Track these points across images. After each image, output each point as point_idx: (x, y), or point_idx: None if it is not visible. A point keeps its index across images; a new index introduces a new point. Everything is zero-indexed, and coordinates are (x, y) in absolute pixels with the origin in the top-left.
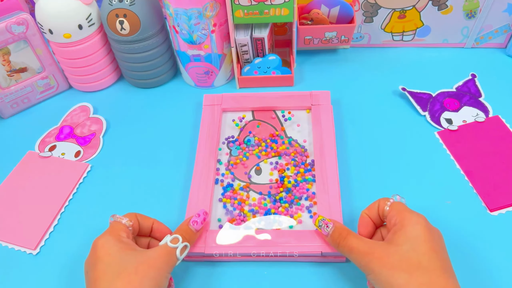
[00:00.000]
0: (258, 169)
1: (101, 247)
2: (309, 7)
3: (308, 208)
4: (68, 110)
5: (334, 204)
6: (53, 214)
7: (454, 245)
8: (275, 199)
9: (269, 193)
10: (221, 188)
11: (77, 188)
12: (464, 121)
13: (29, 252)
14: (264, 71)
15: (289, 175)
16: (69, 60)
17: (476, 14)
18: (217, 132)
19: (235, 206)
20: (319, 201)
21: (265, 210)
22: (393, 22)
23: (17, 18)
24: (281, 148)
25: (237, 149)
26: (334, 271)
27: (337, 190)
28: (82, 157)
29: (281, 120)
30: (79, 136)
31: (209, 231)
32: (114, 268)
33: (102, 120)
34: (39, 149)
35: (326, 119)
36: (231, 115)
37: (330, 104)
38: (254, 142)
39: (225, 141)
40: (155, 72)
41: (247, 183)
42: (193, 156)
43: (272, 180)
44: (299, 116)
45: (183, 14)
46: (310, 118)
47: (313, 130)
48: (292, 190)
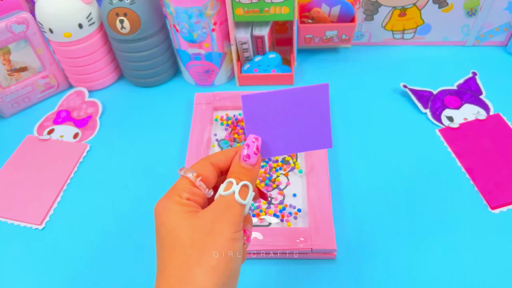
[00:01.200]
0: None
1: (157, 215)
2: (310, 5)
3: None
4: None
5: (324, 200)
6: (56, 191)
7: (456, 243)
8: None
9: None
10: None
11: (77, 167)
12: (465, 119)
13: (35, 227)
14: (264, 69)
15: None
16: (70, 59)
17: (477, 12)
18: (208, 130)
19: None
20: (310, 200)
21: (255, 205)
22: (394, 20)
23: (18, 17)
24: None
25: (227, 146)
26: (324, 268)
27: (327, 187)
28: (81, 138)
29: None
30: (76, 119)
31: None
32: (168, 241)
33: (98, 103)
34: (37, 132)
35: None
36: (222, 113)
37: None
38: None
39: (217, 140)
40: (156, 71)
41: None
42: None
43: (262, 178)
44: None
45: (184, 12)
46: None
47: None
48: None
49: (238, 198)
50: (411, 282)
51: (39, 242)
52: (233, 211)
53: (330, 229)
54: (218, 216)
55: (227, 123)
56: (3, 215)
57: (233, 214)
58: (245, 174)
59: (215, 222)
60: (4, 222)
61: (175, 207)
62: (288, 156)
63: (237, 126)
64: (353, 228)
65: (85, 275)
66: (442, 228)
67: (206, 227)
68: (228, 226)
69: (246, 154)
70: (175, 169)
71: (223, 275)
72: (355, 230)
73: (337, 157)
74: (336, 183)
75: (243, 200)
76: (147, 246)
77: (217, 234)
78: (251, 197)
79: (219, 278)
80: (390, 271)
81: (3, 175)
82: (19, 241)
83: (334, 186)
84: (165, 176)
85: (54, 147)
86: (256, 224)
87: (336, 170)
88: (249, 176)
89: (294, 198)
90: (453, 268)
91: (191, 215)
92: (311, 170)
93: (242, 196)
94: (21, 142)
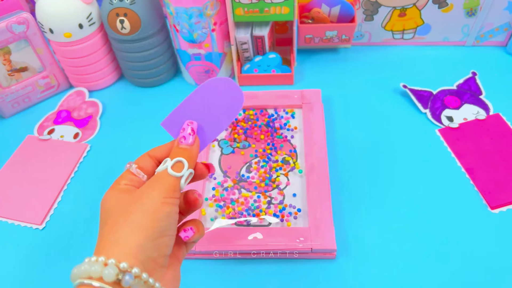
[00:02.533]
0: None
1: (101, 204)
2: (310, 6)
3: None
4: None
5: (324, 200)
6: (56, 191)
7: (455, 242)
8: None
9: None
10: (211, 186)
11: (78, 167)
12: (465, 119)
13: (36, 227)
14: (264, 69)
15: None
16: (70, 59)
17: (477, 12)
18: None
19: (225, 204)
20: (310, 200)
21: (255, 205)
22: (394, 21)
23: (18, 17)
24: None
25: (227, 146)
26: (324, 268)
27: (327, 187)
28: (81, 138)
29: (272, 118)
30: (77, 119)
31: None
32: (103, 216)
33: (98, 103)
34: (37, 133)
35: (317, 117)
36: None
37: (321, 103)
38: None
39: (216, 139)
40: (156, 71)
41: (237, 180)
42: None
43: (262, 178)
44: (291, 115)
45: (184, 13)
46: (301, 116)
47: (304, 128)
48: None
49: (170, 170)
50: (411, 283)
51: (40, 242)
52: (164, 181)
53: (330, 229)
54: (148, 186)
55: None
56: (3, 215)
57: (164, 183)
58: (182, 154)
59: (144, 190)
60: (5, 222)
61: (112, 192)
62: (288, 156)
63: (237, 126)
64: (353, 228)
65: None
66: (442, 227)
67: (136, 195)
68: (157, 192)
69: (182, 136)
70: None
71: (148, 236)
72: (355, 230)
73: (337, 157)
74: (336, 183)
75: (175, 173)
76: None
77: (144, 198)
78: (186, 172)
79: (144, 238)
80: (390, 272)
81: (3, 175)
82: (19, 241)
83: (334, 186)
84: None
85: (54, 147)
86: (256, 224)
87: (336, 170)
88: (187, 155)
89: (294, 198)
90: (453, 268)
91: (126, 193)
92: (311, 170)
93: (175, 170)
94: (22, 142)
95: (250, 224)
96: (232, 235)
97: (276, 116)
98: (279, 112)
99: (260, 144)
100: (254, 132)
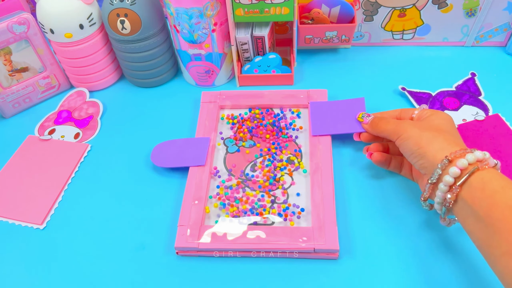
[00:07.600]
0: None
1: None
2: (310, 6)
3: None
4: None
5: (328, 200)
6: (57, 191)
7: (455, 242)
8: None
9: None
10: (216, 184)
11: (78, 167)
12: (464, 120)
13: (36, 227)
14: (264, 70)
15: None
16: (70, 59)
17: (476, 12)
18: (214, 129)
19: (229, 202)
20: (313, 200)
21: (259, 204)
22: (393, 21)
23: (18, 17)
24: (274, 151)
25: (233, 145)
26: (326, 268)
27: (331, 187)
28: (82, 138)
29: (278, 118)
30: (77, 119)
31: (203, 226)
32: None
33: (99, 103)
34: (38, 133)
35: None
36: (228, 112)
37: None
38: (248, 142)
39: (222, 138)
40: (156, 72)
41: (242, 179)
42: None
43: (266, 177)
44: (296, 114)
45: (184, 13)
46: (307, 116)
47: (309, 128)
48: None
49: None
50: (412, 284)
51: (40, 242)
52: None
53: (333, 230)
54: None
55: (233, 122)
56: (4, 215)
57: None
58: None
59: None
60: (5, 222)
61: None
62: (293, 156)
63: (242, 125)
64: (356, 229)
65: (86, 275)
66: (442, 228)
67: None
68: None
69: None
70: (175, 168)
71: None
72: (358, 231)
73: (341, 158)
74: (340, 183)
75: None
76: (148, 246)
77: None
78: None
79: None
80: (392, 273)
81: (4, 175)
82: (20, 241)
83: (338, 186)
84: (165, 175)
85: (55, 147)
86: (259, 223)
87: (340, 170)
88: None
89: (298, 197)
90: (453, 268)
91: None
92: (315, 170)
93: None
94: (22, 142)
95: (257, 223)
96: (235, 233)
97: (281, 116)
98: (285, 111)
99: (265, 144)
100: (260, 131)
